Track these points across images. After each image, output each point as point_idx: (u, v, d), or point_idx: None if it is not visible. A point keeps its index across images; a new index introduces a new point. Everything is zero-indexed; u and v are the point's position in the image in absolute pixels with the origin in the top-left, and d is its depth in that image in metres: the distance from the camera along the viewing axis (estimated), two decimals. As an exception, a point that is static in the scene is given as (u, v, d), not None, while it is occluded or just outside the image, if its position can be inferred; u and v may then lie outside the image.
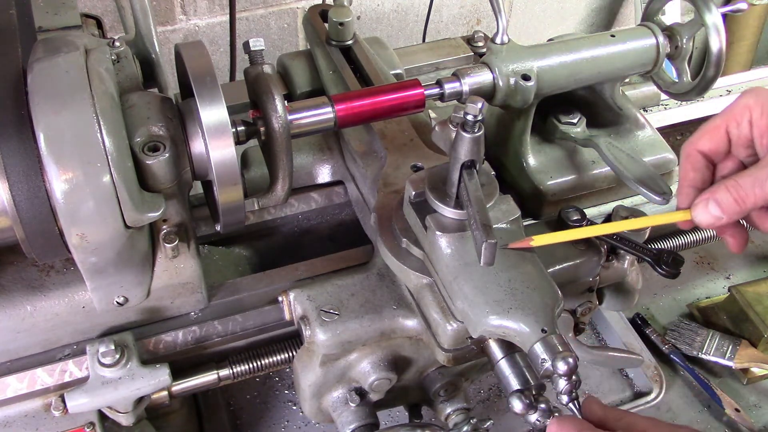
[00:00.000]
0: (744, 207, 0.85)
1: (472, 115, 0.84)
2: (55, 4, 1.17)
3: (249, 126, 0.99)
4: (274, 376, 1.45)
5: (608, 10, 3.08)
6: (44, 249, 0.87)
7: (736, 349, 1.46)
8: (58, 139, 0.79)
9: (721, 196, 0.86)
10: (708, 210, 0.87)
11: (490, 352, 0.90)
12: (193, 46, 0.95)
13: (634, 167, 1.13)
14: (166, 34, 2.33)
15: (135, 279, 0.98)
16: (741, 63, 3.11)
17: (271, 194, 1.05)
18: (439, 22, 2.77)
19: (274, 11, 2.47)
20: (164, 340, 1.07)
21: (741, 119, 0.89)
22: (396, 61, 1.34)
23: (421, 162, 1.10)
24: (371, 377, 1.02)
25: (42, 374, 1.01)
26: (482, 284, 0.87)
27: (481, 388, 1.46)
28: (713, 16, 1.12)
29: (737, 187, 0.85)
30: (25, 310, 0.99)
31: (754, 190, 0.84)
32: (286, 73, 1.31)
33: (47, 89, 0.80)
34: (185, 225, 1.00)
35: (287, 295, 1.02)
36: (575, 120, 1.22)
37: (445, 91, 1.08)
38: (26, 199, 0.81)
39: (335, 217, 1.34)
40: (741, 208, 0.85)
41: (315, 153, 1.27)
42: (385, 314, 0.99)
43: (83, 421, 1.03)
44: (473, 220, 0.84)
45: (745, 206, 0.85)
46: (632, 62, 1.17)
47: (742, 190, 0.85)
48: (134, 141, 0.89)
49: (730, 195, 0.85)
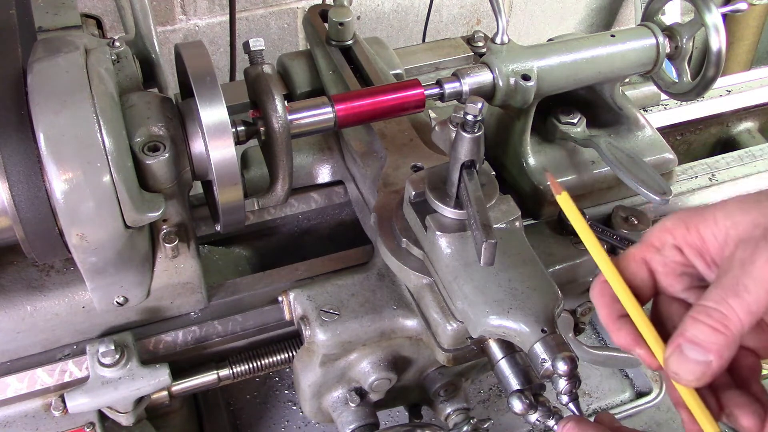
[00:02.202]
0: (730, 332, 0.63)
1: (472, 115, 0.84)
2: (55, 4, 1.16)
3: (249, 126, 0.99)
4: (274, 376, 1.45)
5: (608, 10, 3.08)
6: (44, 249, 0.87)
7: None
8: (58, 139, 0.79)
9: (693, 332, 0.64)
10: (686, 357, 0.64)
11: (490, 352, 0.90)
12: (193, 46, 0.95)
13: (634, 167, 1.13)
14: (166, 34, 2.33)
15: (135, 279, 0.98)
16: (741, 63, 3.11)
17: (271, 194, 1.05)
18: (439, 22, 2.77)
19: (274, 11, 2.47)
20: (164, 340, 1.07)
21: (662, 244, 0.71)
22: (396, 61, 1.34)
23: (421, 162, 1.10)
24: (371, 377, 1.02)
25: (42, 374, 1.01)
26: (482, 284, 0.87)
27: (481, 388, 1.46)
28: (713, 16, 1.12)
29: (707, 311, 0.64)
30: (25, 310, 0.99)
31: (730, 304, 0.63)
32: (286, 73, 1.31)
33: (47, 89, 0.80)
34: (185, 225, 0.99)
35: (287, 295, 1.02)
36: (575, 120, 1.22)
37: (445, 91, 1.08)
38: (26, 199, 0.81)
39: (335, 217, 1.34)
40: (728, 336, 0.63)
41: (315, 153, 1.27)
42: (385, 314, 0.99)
43: (83, 421, 1.03)
44: (473, 220, 0.84)
45: (731, 331, 0.63)
46: (632, 62, 1.17)
47: (715, 312, 0.63)
48: (134, 141, 0.89)
49: (705, 325, 0.64)
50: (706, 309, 0.64)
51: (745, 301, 0.63)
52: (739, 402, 0.68)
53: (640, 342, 0.70)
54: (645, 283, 0.72)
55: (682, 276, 0.72)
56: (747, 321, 0.63)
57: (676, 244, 0.70)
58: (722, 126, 1.69)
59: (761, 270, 0.63)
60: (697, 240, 0.69)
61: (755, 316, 0.63)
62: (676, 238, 0.70)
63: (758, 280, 0.63)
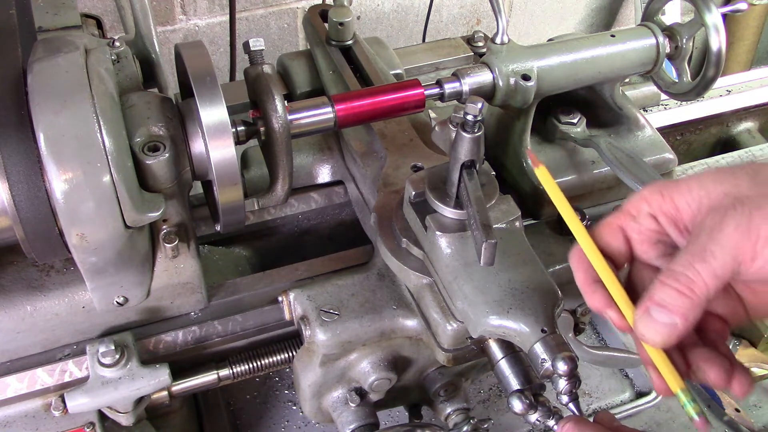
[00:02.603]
0: (696, 296, 0.65)
1: (472, 115, 0.84)
2: (55, 4, 1.16)
3: (249, 126, 0.99)
4: (274, 376, 1.45)
5: (608, 10, 3.08)
6: (44, 249, 0.87)
7: (736, 349, 1.46)
8: (58, 139, 0.79)
9: (660, 296, 0.66)
10: (654, 319, 0.67)
11: (490, 352, 0.90)
12: (193, 46, 0.95)
13: (634, 167, 1.13)
14: (166, 34, 2.33)
15: (135, 279, 0.98)
16: (741, 63, 3.11)
17: (271, 194, 1.05)
18: (439, 22, 2.77)
19: (274, 11, 2.47)
20: (164, 340, 1.07)
21: (638, 212, 0.73)
22: (396, 61, 1.34)
23: (421, 162, 1.10)
24: (371, 377, 1.02)
25: (42, 374, 1.01)
26: (482, 284, 0.87)
27: (481, 388, 1.46)
28: (713, 16, 1.12)
29: (674, 275, 0.66)
30: (25, 310, 0.99)
31: (696, 268, 0.65)
32: (286, 73, 1.31)
33: (47, 89, 0.80)
34: (185, 225, 0.99)
35: (287, 295, 1.02)
36: (575, 120, 1.22)
37: (445, 91, 1.08)
38: (26, 199, 0.81)
39: (335, 217, 1.34)
40: (694, 300, 0.65)
41: (315, 153, 1.27)
42: (385, 314, 0.99)
43: (83, 421, 1.03)
44: (473, 220, 0.84)
45: (697, 295, 0.65)
46: (632, 62, 1.17)
47: (682, 276, 0.66)
48: (134, 141, 0.89)
49: (672, 288, 0.66)
50: (674, 273, 0.66)
51: (711, 266, 0.65)
52: (706, 357, 0.71)
53: (612, 305, 0.72)
54: (621, 250, 0.74)
55: (656, 243, 0.73)
56: (712, 285, 0.65)
57: (651, 213, 0.72)
58: (722, 126, 1.70)
59: (728, 237, 0.65)
60: (672, 209, 0.71)
61: (721, 280, 0.65)
62: (651, 207, 0.72)
63: (724, 246, 0.65)
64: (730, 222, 0.65)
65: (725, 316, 0.74)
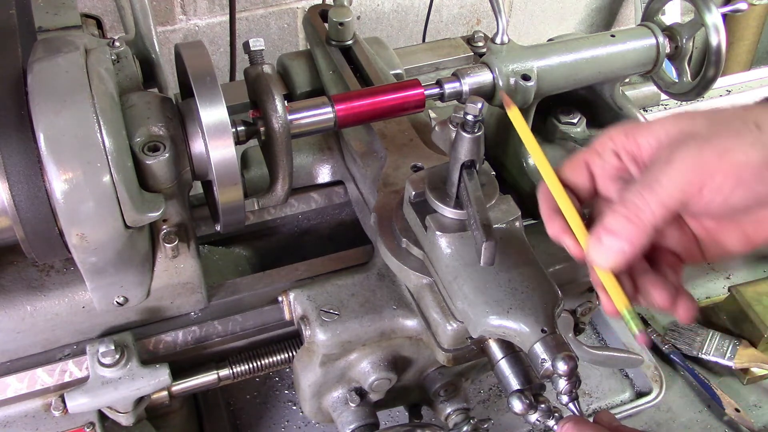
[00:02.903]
0: (642, 224, 0.69)
1: (472, 115, 0.84)
2: (55, 4, 1.16)
3: (249, 126, 0.99)
4: (274, 376, 1.45)
5: (608, 10, 3.08)
6: (44, 249, 0.87)
7: (736, 349, 1.46)
8: (58, 139, 0.79)
9: (610, 222, 0.70)
10: (603, 245, 0.71)
11: (490, 352, 0.90)
12: (193, 46, 0.95)
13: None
14: (166, 34, 2.33)
15: (135, 279, 0.98)
16: (741, 63, 3.11)
17: (271, 194, 1.05)
18: (439, 22, 2.77)
19: (274, 11, 2.47)
20: (164, 340, 1.07)
21: (603, 149, 0.76)
22: (396, 61, 1.34)
23: (421, 162, 1.10)
24: (371, 377, 1.02)
25: (42, 374, 1.01)
26: (482, 284, 0.87)
27: (481, 388, 1.46)
28: (713, 16, 1.12)
29: (624, 202, 0.70)
30: (25, 310, 0.99)
31: (645, 197, 0.69)
32: (286, 73, 1.31)
33: (47, 89, 0.80)
34: (185, 225, 0.99)
35: (287, 295, 1.02)
36: (575, 120, 1.22)
37: (445, 91, 1.08)
38: (26, 199, 0.81)
39: (335, 217, 1.34)
40: (640, 227, 0.69)
41: (315, 153, 1.27)
42: (385, 314, 0.99)
43: (83, 421, 1.03)
44: (473, 220, 0.84)
45: (643, 222, 0.69)
46: (632, 62, 1.17)
47: (631, 204, 0.70)
48: (134, 141, 0.88)
49: (621, 215, 0.70)
50: (624, 201, 0.70)
51: (658, 195, 0.69)
52: (653, 281, 0.75)
53: (568, 232, 0.76)
54: (585, 186, 0.78)
55: (617, 180, 0.77)
56: (659, 213, 0.69)
57: (614, 150, 0.76)
58: (722, 126, 1.69)
59: (676, 168, 0.69)
60: (634, 146, 0.75)
61: (668, 209, 0.69)
62: (615, 144, 0.76)
63: (672, 176, 0.68)
64: (680, 155, 0.69)
65: (679, 252, 0.79)
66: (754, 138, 0.68)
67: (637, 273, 0.76)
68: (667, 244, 0.78)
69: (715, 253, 0.79)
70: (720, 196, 0.68)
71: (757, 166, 0.67)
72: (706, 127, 0.70)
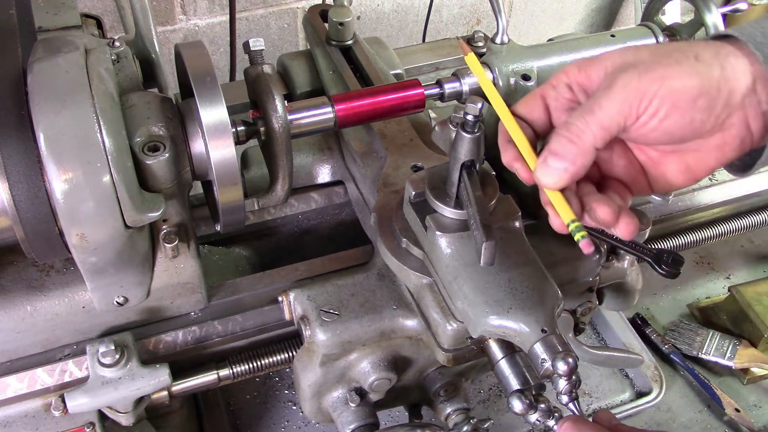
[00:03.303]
0: (583, 144, 0.74)
1: (472, 115, 0.84)
2: (55, 4, 1.16)
3: (249, 126, 0.99)
4: (274, 376, 1.45)
5: (608, 10, 3.08)
6: (44, 249, 0.87)
7: (736, 349, 1.46)
8: (58, 139, 0.79)
9: (554, 145, 0.76)
10: (549, 166, 0.76)
11: (490, 352, 0.90)
12: (193, 46, 0.95)
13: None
14: (166, 34, 2.33)
15: (135, 279, 0.98)
16: (741, 63, 3.10)
17: (271, 194, 1.05)
18: (439, 22, 2.77)
19: (274, 11, 2.47)
20: (164, 340, 1.07)
21: (557, 83, 0.81)
22: (396, 61, 1.34)
23: (421, 162, 1.10)
24: (371, 377, 1.02)
25: (42, 374, 1.01)
26: (482, 284, 0.87)
27: (481, 388, 1.46)
28: (713, 16, 1.12)
29: (567, 126, 0.75)
30: (25, 310, 0.99)
31: (585, 119, 0.74)
32: (286, 73, 1.31)
33: (47, 89, 0.80)
34: (185, 225, 0.99)
35: (287, 295, 1.02)
36: (575, 120, 1.22)
37: (445, 91, 1.08)
38: (26, 199, 0.81)
39: (335, 217, 1.34)
40: (581, 147, 0.74)
41: (315, 153, 1.27)
42: (385, 314, 0.99)
43: (83, 421, 1.03)
44: (473, 220, 0.84)
45: (584, 143, 0.74)
46: (632, 62, 1.17)
47: (573, 126, 0.74)
48: (134, 141, 0.88)
49: (563, 137, 0.75)
50: (567, 125, 0.75)
51: (597, 117, 0.73)
52: (598, 200, 0.79)
53: (520, 159, 0.81)
54: (542, 118, 0.82)
55: (569, 111, 0.80)
56: (599, 135, 0.74)
57: (567, 83, 0.80)
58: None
59: (615, 92, 0.73)
60: (585, 79, 0.79)
61: (607, 131, 0.74)
62: (569, 78, 0.80)
63: (612, 100, 0.73)
64: (620, 81, 0.73)
65: (626, 181, 0.83)
66: (691, 67, 0.72)
67: (583, 194, 0.80)
68: (615, 173, 0.83)
69: (662, 184, 0.83)
70: (655, 119, 0.73)
71: (693, 93, 0.72)
72: (649, 57, 0.75)
